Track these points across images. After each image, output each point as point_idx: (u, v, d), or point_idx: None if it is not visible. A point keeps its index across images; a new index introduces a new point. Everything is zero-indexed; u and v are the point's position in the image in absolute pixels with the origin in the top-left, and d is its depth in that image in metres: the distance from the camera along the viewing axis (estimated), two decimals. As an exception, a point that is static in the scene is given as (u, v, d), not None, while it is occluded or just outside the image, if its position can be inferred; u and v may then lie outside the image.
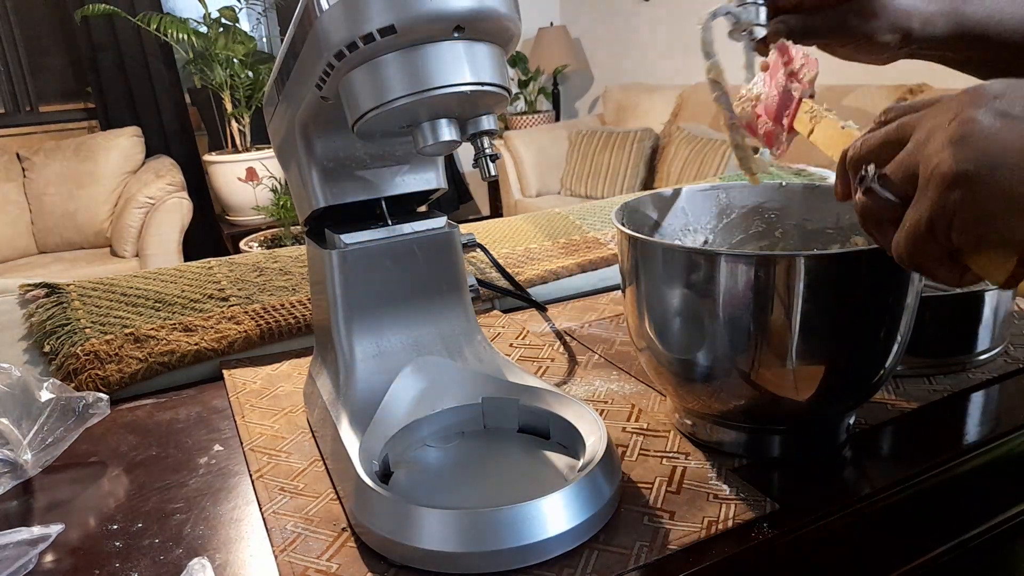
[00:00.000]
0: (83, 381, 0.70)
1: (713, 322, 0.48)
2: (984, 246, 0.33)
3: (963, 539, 0.54)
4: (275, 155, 0.63)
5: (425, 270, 0.60)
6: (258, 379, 0.73)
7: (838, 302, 0.47)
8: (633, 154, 3.27)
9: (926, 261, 0.35)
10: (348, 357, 0.58)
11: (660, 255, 0.50)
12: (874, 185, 0.37)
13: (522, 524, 0.43)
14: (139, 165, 3.37)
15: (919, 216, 0.34)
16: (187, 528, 0.50)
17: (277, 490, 0.54)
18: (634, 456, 0.55)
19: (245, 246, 3.09)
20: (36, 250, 3.32)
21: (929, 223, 0.34)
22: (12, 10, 3.45)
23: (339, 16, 0.42)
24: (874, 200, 0.37)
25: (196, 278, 0.85)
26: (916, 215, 0.34)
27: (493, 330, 0.82)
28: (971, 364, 0.65)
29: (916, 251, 0.35)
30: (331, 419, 0.55)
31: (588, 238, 1.04)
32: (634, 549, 0.45)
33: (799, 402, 0.49)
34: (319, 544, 0.47)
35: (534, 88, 4.20)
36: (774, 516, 0.47)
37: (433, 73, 0.43)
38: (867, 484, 0.51)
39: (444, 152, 0.50)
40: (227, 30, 3.33)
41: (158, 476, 0.57)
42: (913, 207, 0.35)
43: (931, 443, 0.55)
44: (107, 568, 0.47)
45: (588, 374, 0.70)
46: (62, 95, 3.69)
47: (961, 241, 0.33)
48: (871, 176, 0.37)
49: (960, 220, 0.33)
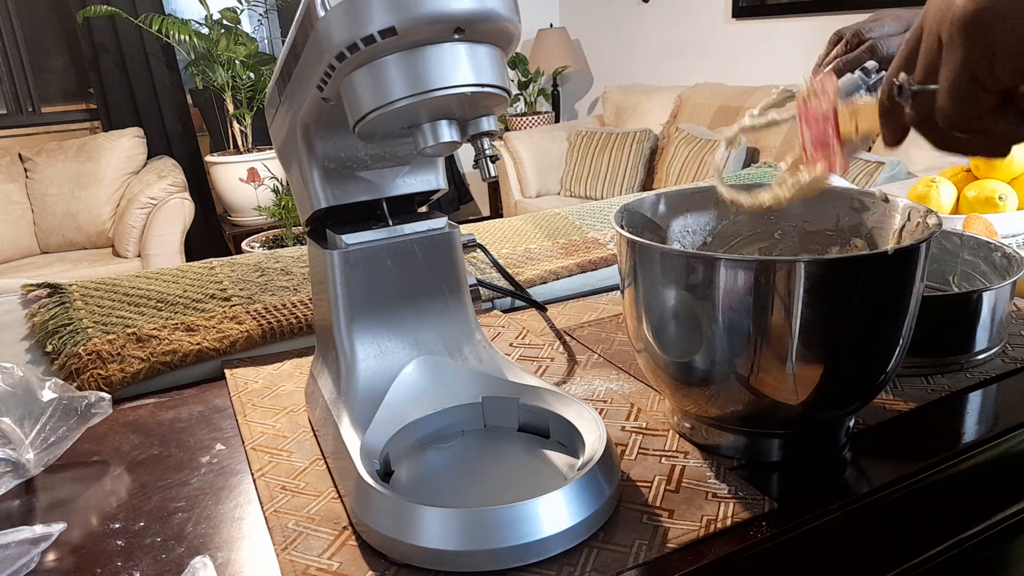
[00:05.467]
0: (85, 381, 0.70)
1: (712, 326, 0.48)
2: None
3: (961, 538, 0.54)
4: (276, 156, 0.63)
5: (426, 270, 0.60)
6: (260, 378, 0.73)
7: (838, 307, 0.47)
8: (632, 155, 3.28)
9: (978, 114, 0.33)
10: (349, 356, 0.58)
11: (659, 259, 0.50)
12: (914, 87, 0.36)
13: (522, 522, 0.43)
14: (141, 166, 3.38)
15: (955, 66, 0.33)
16: (189, 527, 0.51)
17: (278, 489, 0.54)
18: (633, 455, 0.55)
19: (247, 246, 3.10)
20: (38, 250, 3.33)
21: (968, 68, 0.32)
22: (14, 11, 3.45)
23: (340, 17, 0.42)
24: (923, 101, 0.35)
25: (198, 278, 0.86)
26: (952, 67, 0.33)
27: (493, 330, 0.82)
28: (969, 364, 0.66)
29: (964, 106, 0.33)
30: (332, 418, 0.55)
31: (588, 238, 1.04)
32: (633, 547, 0.45)
33: (798, 407, 0.50)
34: (320, 542, 0.47)
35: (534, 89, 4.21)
36: (773, 515, 0.47)
37: (434, 74, 0.44)
38: (865, 483, 0.51)
39: (445, 153, 0.50)
40: (229, 31, 3.33)
41: (160, 475, 0.58)
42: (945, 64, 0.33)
43: (929, 443, 0.55)
44: (109, 567, 0.47)
45: (587, 373, 0.70)
46: (64, 96, 3.70)
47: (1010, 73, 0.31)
48: (906, 84, 0.36)
49: (1001, 52, 0.31)
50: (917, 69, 0.36)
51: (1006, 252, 0.71)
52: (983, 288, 0.65)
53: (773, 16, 3.05)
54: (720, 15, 3.30)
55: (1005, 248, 0.72)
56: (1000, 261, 0.72)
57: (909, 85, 0.36)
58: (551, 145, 3.66)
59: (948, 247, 0.78)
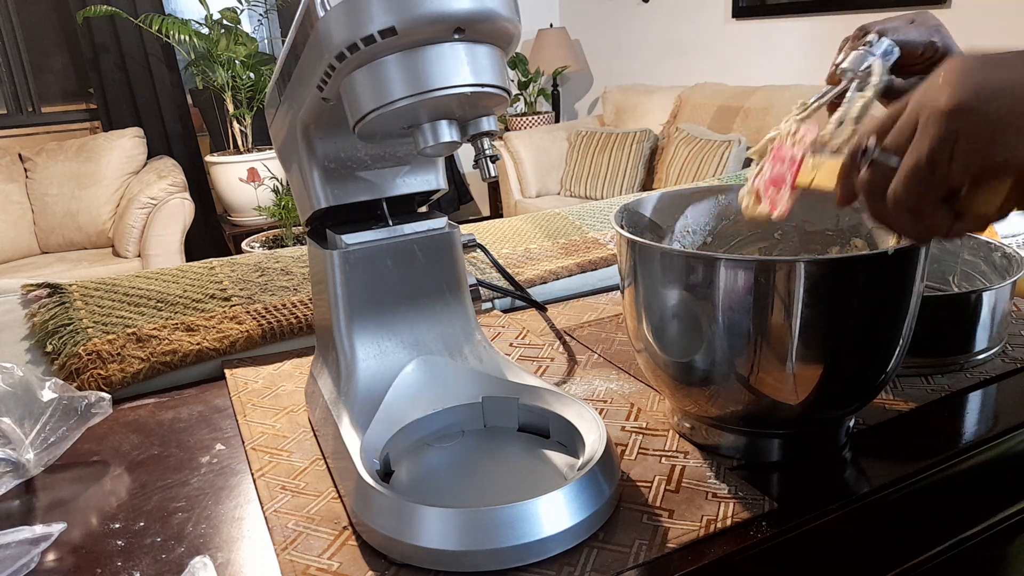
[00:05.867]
0: (85, 381, 0.70)
1: (712, 326, 0.48)
2: (985, 172, 0.34)
3: (961, 538, 0.54)
4: (277, 156, 0.63)
5: (426, 270, 0.60)
6: (260, 378, 0.73)
7: (838, 307, 0.47)
8: (632, 155, 3.28)
9: (923, 203, 0.36)
10: (349, 356, 0.58)
11: (659, 259, 0.50)
12: (877, 155, 0.38)
13: (522, 522, 0.43)
14: (141, 166, 3.37)
15: (919, 153, 0.35)
16: (189, 527, 0.51)
17: (278, 489, 0.54)
18: (633, 455, 0.55)
19: (247, 246, 3.10)
20: (38, 250, 3.32)
21: (930, 157, 0.35)
22: (14, 11, 3.45)
23: (340, 17, 0.42)
24: (878, 170, 0.38)
25: (198, 278, 0.86)
26: (916, 153, 0.35)
27: (493, 330, 0.82)
28: (969, 364, 0.66)
29: (914, 191, 0.36)
30: (332, 418, 0.55)
31: (588, 238, 1.04)
32: (633, 547, 0.45)
33: (798, 407, 0.50)
34: (320, 542, 0.47)
35: (534, 89, 4.20)
36: (772, 515, 0.47)
37: (434, 74, 0.44)
38: (865, 483, 0.51)
39: (445, 153, 0.50)
40: (229, 31, 3.33)
41: (160, 475, 0.58)
42: (912, 148, 0.36)
43: (929, 443, 0.55)
44: (109, 567, 0.47)
45: (587, 373, 0.70)
46: (64, 96, 3.70)
47: (961, 171, 0.34)
48: (872, 148, 0.38)
49: (961, 148, 0.34)
50: (888, 138, 0.38)
51: (1006, 252, 0.71)
52: (983, 288, 0.65)
53: (773, 16, 3.05)
54: (720, 15, 3.30)
55: (1005, 248, 0.72)
56: (1000, 261, 0.72)
57: (873, 150, 0.38)
58: (551, 145, 3.66)
59: (948, 247, 0.78)
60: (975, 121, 0.33)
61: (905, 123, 0.37)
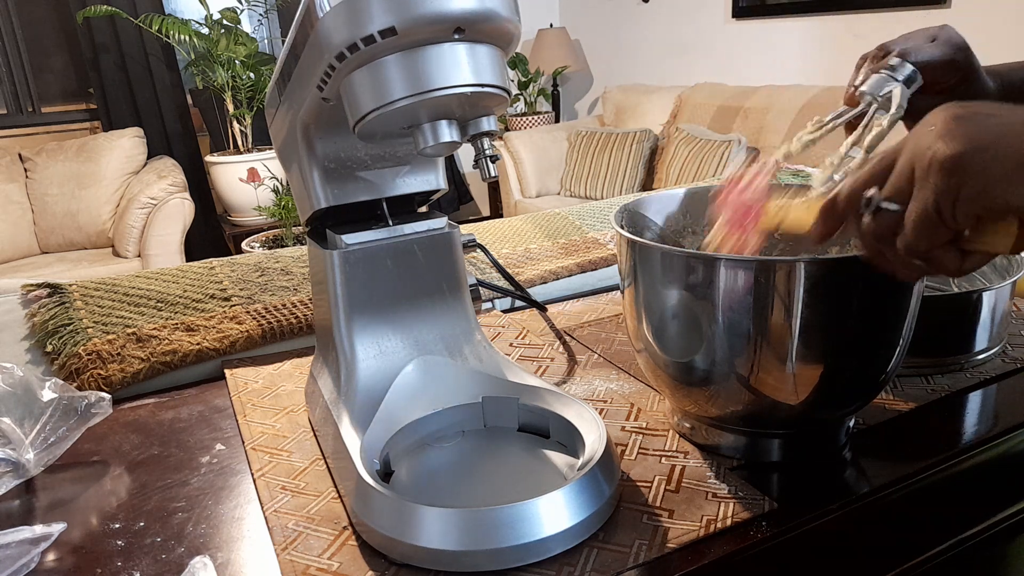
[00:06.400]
0: (85, 380, 0.70)
1: (712, 326, 0.48)
2: (989, 216, 0.36)
3: (961, 538, 0.54)
4: (277, 156, 0.63)
5: (426, 270, 0.60)
6: (260, 378, 0.73)
7: (838, 307, 0.47)
8: (632, 155, 3.28)
9: (933, 247, 0.38)
10: (349, 356, 0.58)
11: (659, 259, 0.50)
12: (882, 204, 0.39)
13: (522, 522, 0.43)
14: (141, 166, 3.37)
15: (925, 201, 0.37)
16: (189, 527, 0.51)
17: (278, 489, 0.54)
18: (633, 455, 0.55)
19: (247, 246, 3.10)
20: (38, 250, 3.32)
21: (936, 204, 0.36)
22: (14, 11, 3.45)
23: (340, 17, 0.42)
24: (884, 218, 0.39)
25: (198, 278, 0.86)
26: (922, 201, 0.37)
27: (493, 330, 0.82)
28: (969, 364, 0.66)
29: (924, 237, 0.37)
30: (332, 418, 0.55)
31: (588, 238, 1.04)
32: (633, 547, 0.45)
33: (798, 407, 0.50)
34: (320, 542, 0.47)
35: (534, 89, 4.20)
36: (773, 515, 0.47)
37: (434, 74, 0.44)
38: (865, 483, 0.51)
39: (445, 153, 0.50)
40: (228, 31, 3.33)
41: (160, 475, 0.58)
42: (916, 197, 0.37)
43: (929, 443, 0.55)
44: (109, 567, 0.47)
45: (587, 373, 0.70)
46: (64, 96, 3.70)
47: (966, 216, 0.36)
48: (876, 199, 0.39)
49: (964, 195, 0.35)
50: (886, 188, 0.39)
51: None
52: (983, 288, 0.65)
53: (773, 16, 3.05)
54: (720, 15, 3.30)
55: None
56: (1000, 261, 0.72)
57: (878, 201, 0.39)
58: (551, 145, 3.66)
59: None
60: (974, 172, 0.35)
61: (902, 172, 0.38)
